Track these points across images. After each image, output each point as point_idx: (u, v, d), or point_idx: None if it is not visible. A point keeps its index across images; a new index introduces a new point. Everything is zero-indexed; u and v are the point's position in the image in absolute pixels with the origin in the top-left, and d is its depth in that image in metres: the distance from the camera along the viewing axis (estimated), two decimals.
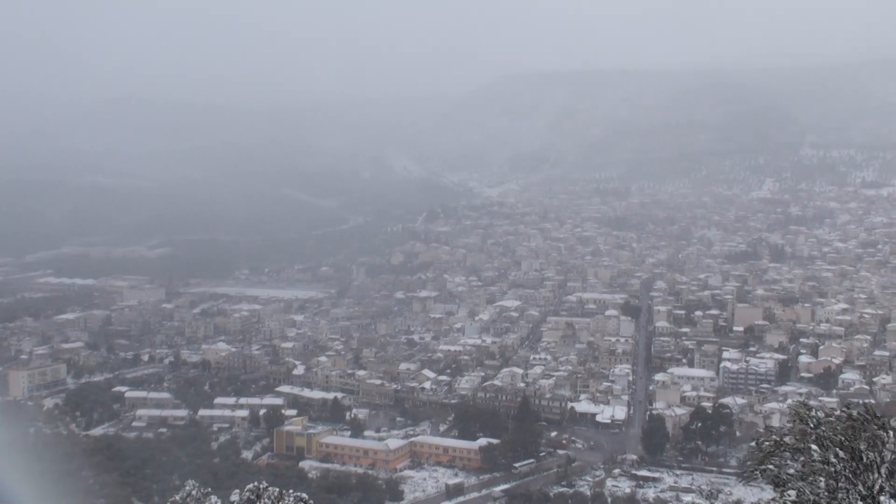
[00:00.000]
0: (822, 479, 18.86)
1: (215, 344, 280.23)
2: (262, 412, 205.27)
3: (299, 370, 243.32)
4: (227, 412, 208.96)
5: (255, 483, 30.54)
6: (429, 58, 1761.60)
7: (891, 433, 19.65)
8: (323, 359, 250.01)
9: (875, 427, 19.52)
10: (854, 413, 20.30)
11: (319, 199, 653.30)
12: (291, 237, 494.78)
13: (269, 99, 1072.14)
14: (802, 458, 19.41)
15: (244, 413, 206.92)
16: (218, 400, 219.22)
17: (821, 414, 20.61)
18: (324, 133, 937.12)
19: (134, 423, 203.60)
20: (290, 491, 31.04)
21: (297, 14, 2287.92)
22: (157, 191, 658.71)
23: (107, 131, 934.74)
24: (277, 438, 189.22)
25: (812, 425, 20.03)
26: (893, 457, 19.24)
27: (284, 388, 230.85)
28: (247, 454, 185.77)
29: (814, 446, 19.34)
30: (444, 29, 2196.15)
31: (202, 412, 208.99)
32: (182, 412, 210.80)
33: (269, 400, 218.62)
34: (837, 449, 19.09)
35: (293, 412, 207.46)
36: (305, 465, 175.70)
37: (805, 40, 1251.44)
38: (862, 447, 19.07)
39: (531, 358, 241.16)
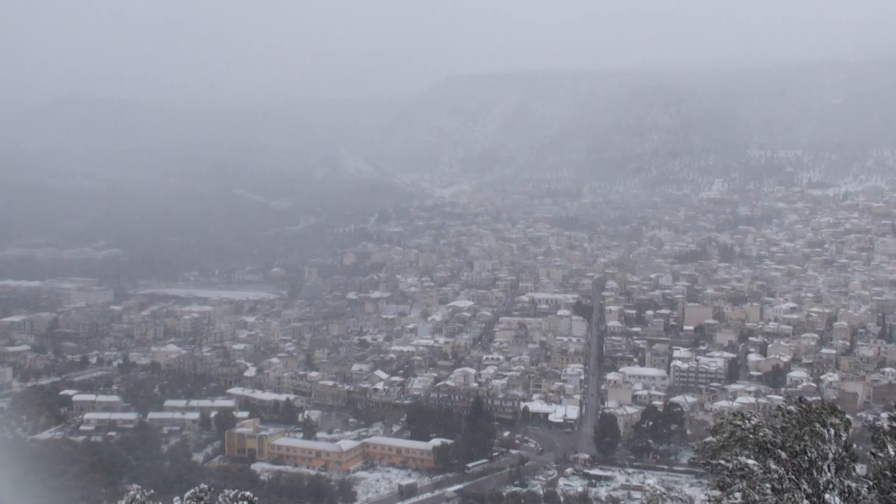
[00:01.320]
0: (768, 486, 18.81)
1: (165, 346, 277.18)
2: (213, 414, 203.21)
3: (251, 372, 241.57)
4: (177, 415, 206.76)
5: (197, 488, 30.02)
6: (380, 59, 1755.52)
7: (831, 430, 19.67)
8: (275, 360, 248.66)
9: (815, 424, 19.49)
10: (794, 408, 20.33)
11: (270, 200, 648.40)
12: (242, 238, 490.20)
13: (220, 99, 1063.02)
14: (741, 469, 19.40)
15: (195, 415, 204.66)
16: (168, 402, 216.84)
17: (754, 421, 20.51)
18: (275, 133, 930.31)
19: (82, 427, 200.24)
20: (234, 491, 30.54)
21: (247, 15, 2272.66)
22: (104, 191, 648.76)
23: (52, 131, 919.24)
24: (229, 441, 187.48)
25: (750, 431, 19.94)
26: (838, 452, 19.27)
27: (236, 390, 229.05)
28: (198, 457, 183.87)
29: (751, 460, 19.29)
30: (394, 30, 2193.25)
31: (152, 415, 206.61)
32: (131, 415, 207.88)
33: (221, 402, 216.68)
34: (779, 451, 19.04)
35: (245, 414, 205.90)
36: (257, 467, 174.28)
37: (752, 43, 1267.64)
38: (801, 446, 19.09)
39: (484, 358, 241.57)
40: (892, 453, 19.60)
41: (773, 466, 19.38)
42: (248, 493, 29.82)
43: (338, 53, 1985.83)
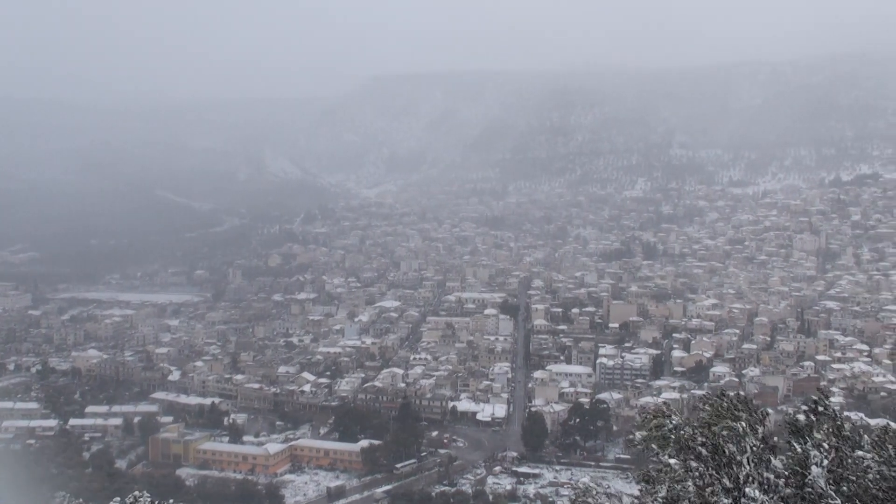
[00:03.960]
0: (690, 483, 19.13)
1: (86, 351, 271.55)
2: (136, 420, 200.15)
3: (175, 376, 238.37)
4: (99, 421, 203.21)
5: (119, 499, 29.49)
6: (304, 59, 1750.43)
7: (744, 423, 20.13)
8: (199, 364, 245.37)
9: (730, 419, 19.90)
10: (717, 402, 20.75)
11: (193, 201, 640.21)
12: (164, 240, 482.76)
13: (139, 98, 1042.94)
14: (663, 466, 19.73)
15: (117, 421, 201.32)
16: (89, 408, 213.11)
17: (675, 420, 20.88)
18: (197, 134, 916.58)
19: (0, 436, 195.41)
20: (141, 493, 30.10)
21: (166, 14, 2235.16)
22: (21, 193, 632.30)
23: None
24: (153, 446, 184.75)
25: (670, 429, 20.31)
26: (756, 445, 19.63)
27: (159, 395, 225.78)
28: (121, 463, 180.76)
29: (672, 460, 19.62)
30: (316, 31, 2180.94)
31: (73, 421, 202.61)
32: (51, 422, 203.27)
33: (144, 407, 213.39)
34: (699, 448, 19.40)
35: (169, 419, 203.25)
36: (183, 472, 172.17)
37: (673, 44, 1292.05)
38: (722, 443, 19.37)
39: (411, 358, 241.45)
40: (800, 450, 20.08)
41: (694, 464, 19.71)
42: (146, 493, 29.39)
43: (260, 54, 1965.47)
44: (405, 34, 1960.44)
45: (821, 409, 20.85)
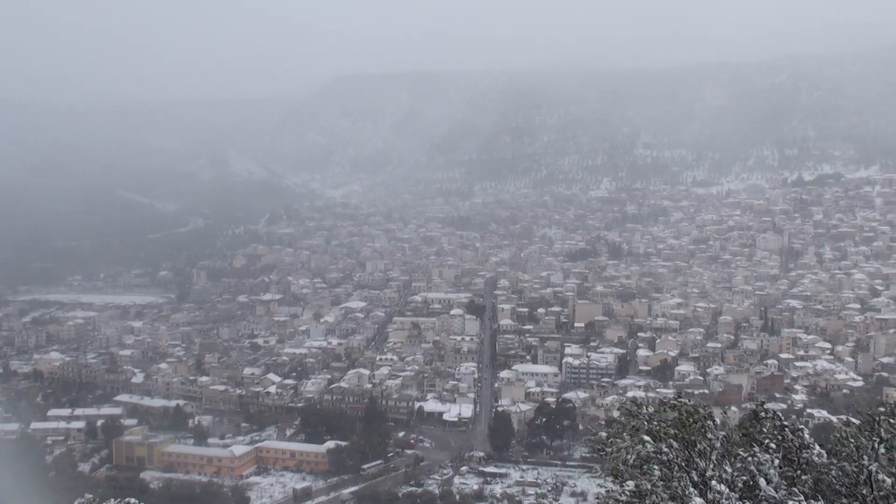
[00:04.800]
0: (656, 467, 19.45)
1: (48, 353, 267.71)
2: (99, 423, 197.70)
3: (138, 378, 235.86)
4: (61, 424, 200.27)
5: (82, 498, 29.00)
6: (267, 60, 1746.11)
7: (717, 420, 20.71)
8: (163, 366, 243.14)
9: (703, 417, 20.40)
10: (681, 404, 21.25)
11: (157, 202, 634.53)
12: (128, 241, 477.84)
13: (101, 99, 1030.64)
14: (637, 450, 20.04)
15: (80, 424, 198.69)
16: (52, 412, 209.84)
17: (650, 409, 21.53)
18: (161, 134, 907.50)
19: None
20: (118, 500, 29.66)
21: (131, 15, 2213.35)
22: None
23: None
24: (116, 449, 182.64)
25: (645, 420, 20.66)
26: (721, 444, 20.16)
27: (123, 397, 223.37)
28: (84, 467, 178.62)
29: (647, 437, 19.93)
30: (281, 32, 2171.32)
31: (35, 425, 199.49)
32: (13, 426, 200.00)
33: (107, 410, 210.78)
34: (671, 440, 19.77)
35: (133, 422, 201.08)
36: (147, 475, 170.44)
37: (637, 44, 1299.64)
38: (693, 437, 19.89)
39: (377, 359, 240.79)
40: (756, 450, 20.90)
41: (665, 450, 20.25)
42: (132, 501, 28.91)
43: (224, 54, 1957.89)
44: (370, 35, 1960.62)
45: (763, 414, 22.06)
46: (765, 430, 21.45)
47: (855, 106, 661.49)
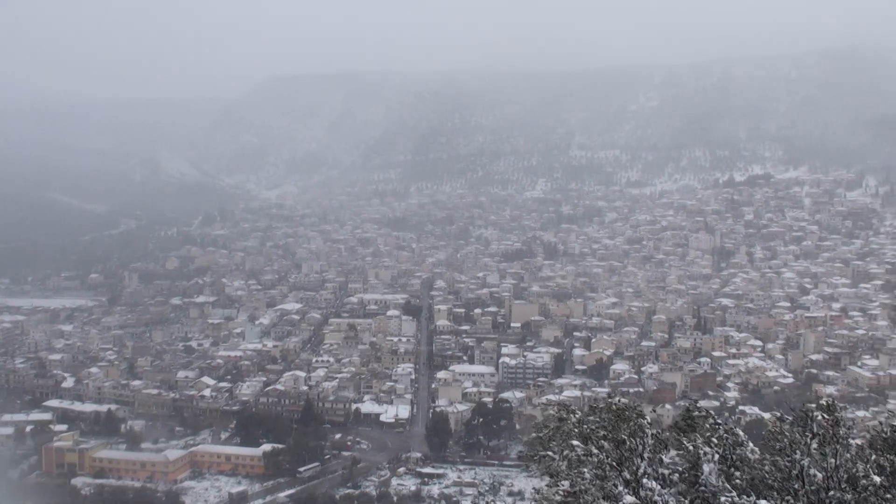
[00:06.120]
0: (586, 469, 19.73)
1: None
2: (28, 429, 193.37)
3: (69, 383, 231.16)
4: None
5: None
6: (199, 60, 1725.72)
7: (648, 418, 21.12)
8: (94, 370, 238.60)
9: (636, 417, 20.76)
10: (615, 404, 21.50)
11: (87, 203, 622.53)
12: (57, 243, 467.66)
13: (25, 99, 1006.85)
14: (567, 454, 20.22)
15: (8, 431, 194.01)
16: None
17: (583, 410, 21.89)
18: (90, 135, 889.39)
19: None
20: None
21: (57, 14, 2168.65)
22: None
23: None
24: (46, 455, 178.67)
25: (574, 423, 20.83)
26: (652, 443, 20.45)
27: (53, 403, 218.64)
28: (13, 474, 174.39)
29: (576, 442, 20.11)
30: (212, 32, 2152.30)
31: None
32: None
33: (36, 415, 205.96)
34: (602, 441, 20.02)
35: (63, 427, 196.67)
36: (78, 481, 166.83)
37: (571, 47, 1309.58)
38: (624, 437, 20.13)
39: (314, 361, 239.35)
40: (691, 447, 21.25)
41: (595, 451, 20.50)
42: None
43: (156, 54, 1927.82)
44: (306, 35, 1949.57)
45: (696, 413, 22.48)
46: (698, 428, 21.73)
47: (784, 108, 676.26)
